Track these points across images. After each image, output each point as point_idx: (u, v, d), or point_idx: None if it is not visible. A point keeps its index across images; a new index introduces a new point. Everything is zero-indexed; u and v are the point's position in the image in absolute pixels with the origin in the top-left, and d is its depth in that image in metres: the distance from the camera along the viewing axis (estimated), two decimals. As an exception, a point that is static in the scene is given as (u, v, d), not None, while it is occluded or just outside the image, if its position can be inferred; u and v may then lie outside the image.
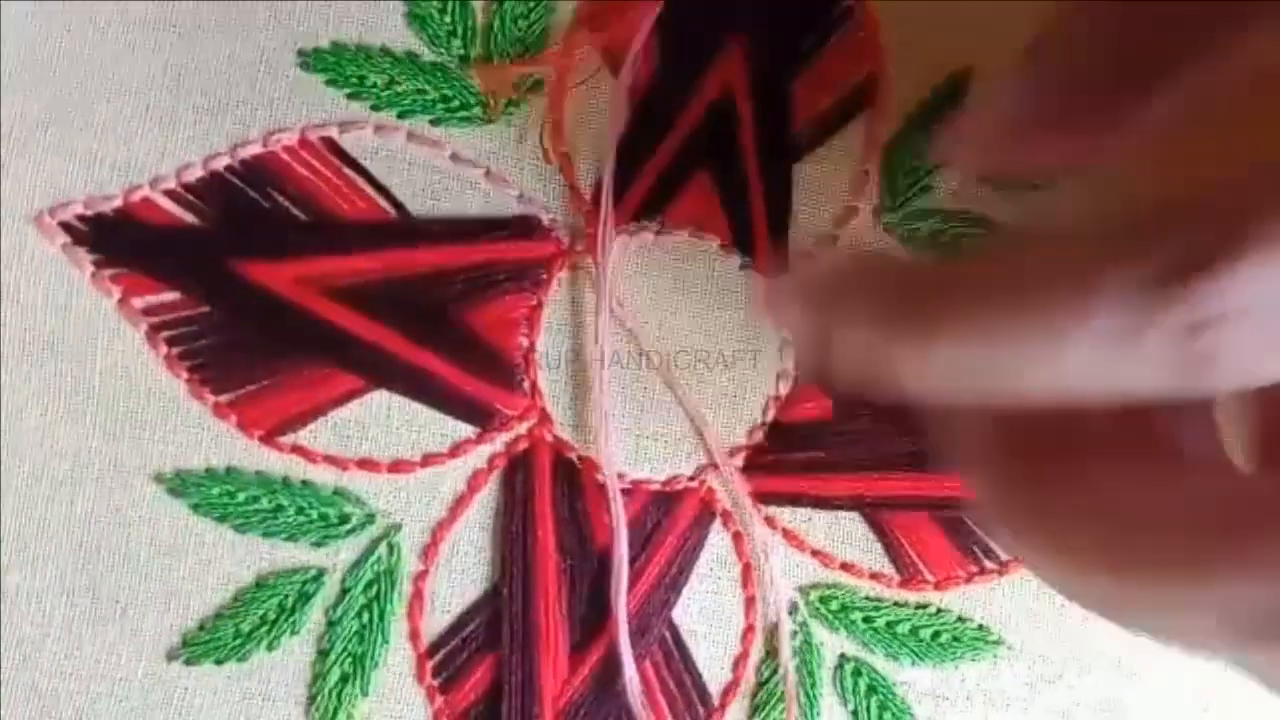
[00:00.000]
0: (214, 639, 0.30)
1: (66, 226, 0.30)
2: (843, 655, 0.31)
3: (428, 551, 0.31)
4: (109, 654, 0.30)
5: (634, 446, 0.31)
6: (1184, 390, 0.18)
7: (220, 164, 0.30)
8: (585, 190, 0.30)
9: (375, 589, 0.30)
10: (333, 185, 0.30)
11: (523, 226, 0.30)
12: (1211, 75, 0.20)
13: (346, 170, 0.30)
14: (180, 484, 0.30)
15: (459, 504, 0.31)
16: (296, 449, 0.30)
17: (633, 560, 0.31)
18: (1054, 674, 0.31)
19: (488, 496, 0.31)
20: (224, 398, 0.30)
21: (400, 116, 0.30)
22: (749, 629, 0.31)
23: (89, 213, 0.30)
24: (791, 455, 0.31)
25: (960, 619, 0.31)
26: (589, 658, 0.31)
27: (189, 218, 0.30)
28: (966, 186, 0.30)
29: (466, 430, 0.30)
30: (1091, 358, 0.18)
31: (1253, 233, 0.17)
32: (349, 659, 0.30)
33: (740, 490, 0.31)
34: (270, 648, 0.30)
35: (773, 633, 0.31)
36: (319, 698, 0.30)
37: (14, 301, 0.30)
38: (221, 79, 0.30)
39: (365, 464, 0.30)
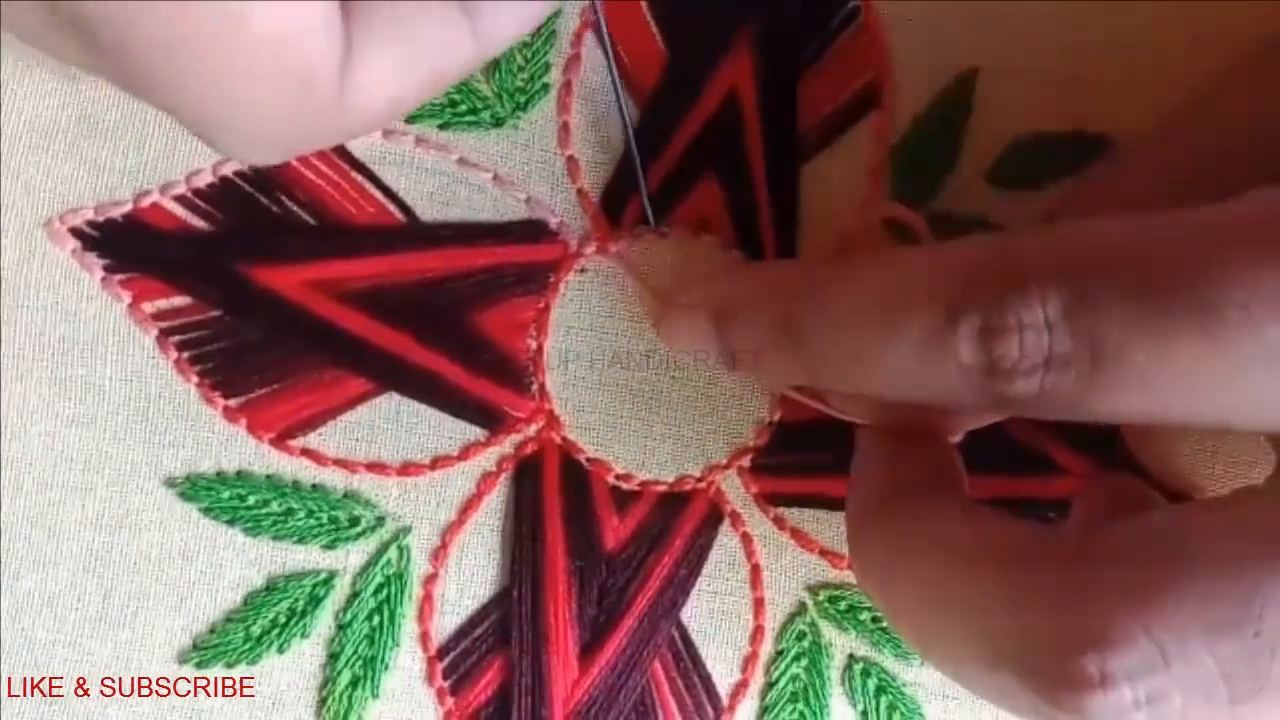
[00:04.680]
0: (224, 642, 0.30)
1: (77, 232, 0.30)
2: (851, 655, 0.31)
3: (437, 554, 0.31)
4: (120, 657, 0.30)
5: (642, 447, 0.31)
6: (985, 401, 0.22)
7: (230, 169, 0.30)
8: (592, 193, 0.30)
9: (385, 592, 0.31)
10: (341, 190, 0.30)
11: (530, 230, 0.30)
12: None
13: (355, 175, 0.30)
14: (191, 487, 0.30)
15: (468, 506, 0.31)
16: (307, 452, 0.30)
17: (642, 560, 0.31)
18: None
19: (497, 499, 0.31)
20: (234, 401, 0.30)
21: (408, 121, 0.30)
22: (758, 630, 0.31)
23: (99, 218, 0.30)
24: (799, 455, 0.31)
25: (969, 619, 0.31)
26: (599, 659, 0.31)
27: (199, 223, 0.30)
28: (974, 188, 0.30)
29: (476, 433, 0.31)
30: (907, 360, 0.22)
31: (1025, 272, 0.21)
32: (359, 662, 0.30)
33: (748, 491, 0.31)
34: (281, 650, 0.30)
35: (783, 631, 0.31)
36: (329, 700, 0.30)
37: (24, 307, 0.30)
38: (230, 84, 0.30)
39: (375, 467, 0.30)
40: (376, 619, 0.31)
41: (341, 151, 0.30)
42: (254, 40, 0.21)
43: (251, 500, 0.30)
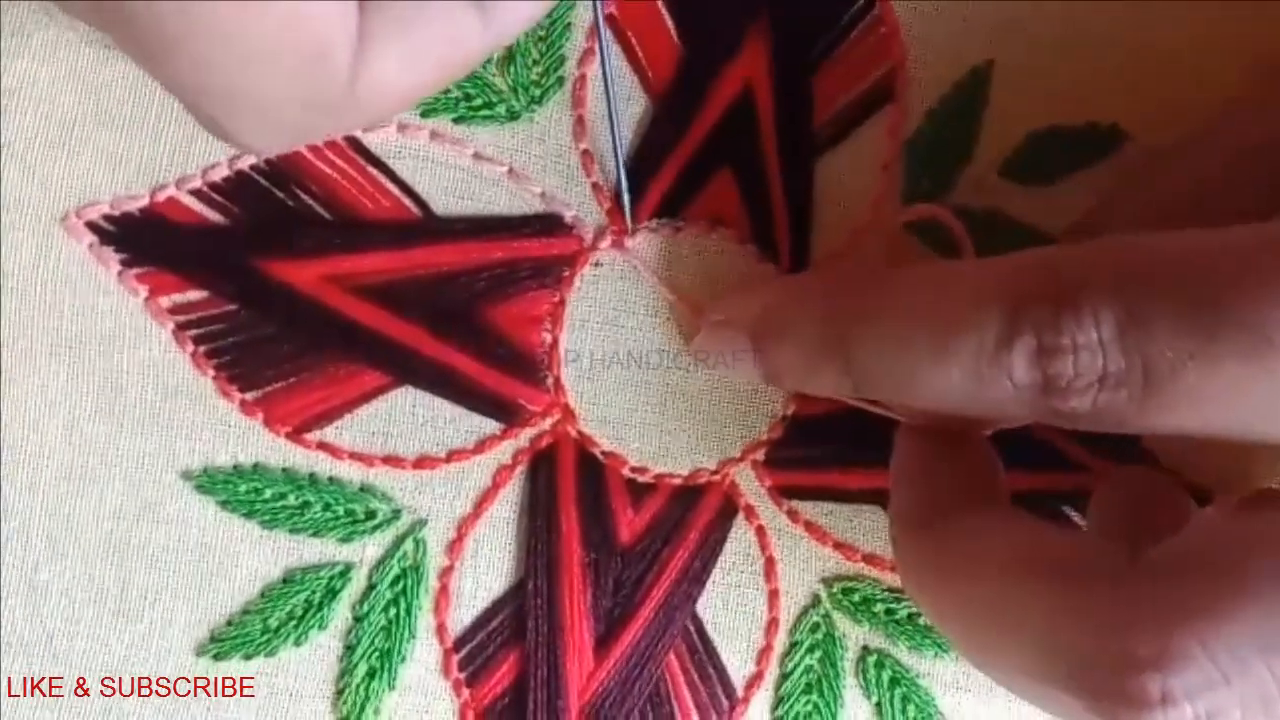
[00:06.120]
0: (242, 634, 0.30)
1: (93, 226, 0.30)
2: (865, 647, 0.31)
3: (453, 547, 0.31)
4: (138, 649, 0.30)
5: (657, 440, 0.31)
6: (1037, 417, 0.23)
7: (246, 163, 0.30)
8: (607, 187, 0.31)
9: (401, 584, 0.31)
10: (357, 184, 0.30)
11: (545, 224, 0.30)
12: None
13: (370, 169, 0.30)
14: (208, 481, 0.30)
15: (484, 499, 0.31)
16: (323, 445, 0.30)
17: (656, 553, 0.31)
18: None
19: (512, 492, 0.31)
20: (251, 395, 0.30)
21: (423, 115, 0.30)
22: (772, 622, 0.31)
23: (116, 212, 0.30)
24: (812, 449, 0.31)
25: (982, 611, 0.31)
26: (614, 651, 0.31)
27: (215, 217, 0.30)
28: (987, 182, 0.30)
29: (491, 426, 0.31)
30: (960, 377, 0.23)
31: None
32: (376, 654, 0.31)
33: (762, 484, 0.31)
34: (298, 643, 0.31)
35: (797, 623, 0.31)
36: (346, 692, 0.31)
37: (42, 301, 0.30)
38: (246, 79, 0.30)
39: (391, 460, 0.31)
40: (393, 611, 0.31)
41: (357, 146, 0.30)
42: (272, 15, 0.21)
43: (268, 493, 0.30)
